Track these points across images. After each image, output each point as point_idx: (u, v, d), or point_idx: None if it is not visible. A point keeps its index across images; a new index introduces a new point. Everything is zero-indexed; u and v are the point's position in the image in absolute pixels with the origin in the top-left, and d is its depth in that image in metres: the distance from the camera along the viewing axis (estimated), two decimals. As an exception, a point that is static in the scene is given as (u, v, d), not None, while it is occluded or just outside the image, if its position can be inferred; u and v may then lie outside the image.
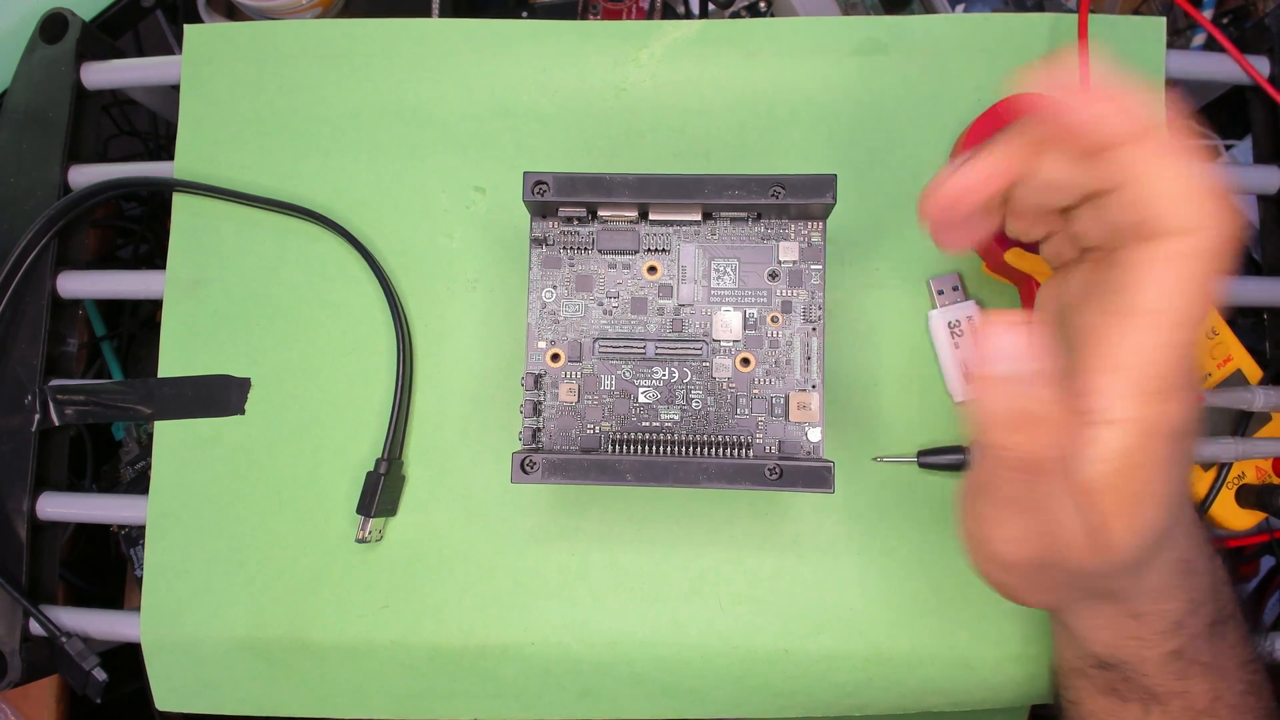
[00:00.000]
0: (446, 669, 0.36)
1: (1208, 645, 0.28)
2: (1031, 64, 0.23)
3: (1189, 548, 0.27)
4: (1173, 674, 0.27)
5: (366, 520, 0.35)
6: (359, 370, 0.37)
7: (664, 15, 0.48)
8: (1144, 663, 0.28)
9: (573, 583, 0.36)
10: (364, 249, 0.37)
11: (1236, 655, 0.28)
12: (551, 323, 0.31)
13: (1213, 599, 0.28)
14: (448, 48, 0.39)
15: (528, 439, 0.31)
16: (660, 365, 0.31)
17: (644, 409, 0.31)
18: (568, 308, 0.31)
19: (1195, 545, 0.27)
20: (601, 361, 0.31)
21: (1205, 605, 0.27)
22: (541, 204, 0.30)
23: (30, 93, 0.41)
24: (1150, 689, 0.28)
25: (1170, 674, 0.28)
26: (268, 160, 0.39)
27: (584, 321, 0.31)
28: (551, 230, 0.31)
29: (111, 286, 0.40)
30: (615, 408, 0.31)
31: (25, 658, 0.37)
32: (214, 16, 0.48)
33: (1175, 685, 0.28)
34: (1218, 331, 0.34)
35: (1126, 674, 0.28)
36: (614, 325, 0.31)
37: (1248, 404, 0.33)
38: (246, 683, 0.37)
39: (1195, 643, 0.27)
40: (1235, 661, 0.28)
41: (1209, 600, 0.28)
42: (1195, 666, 0.27)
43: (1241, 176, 0.39)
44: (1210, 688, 0.28)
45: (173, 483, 0.37)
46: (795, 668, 0.35)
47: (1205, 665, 0.27)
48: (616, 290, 0.31)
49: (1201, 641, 0.27)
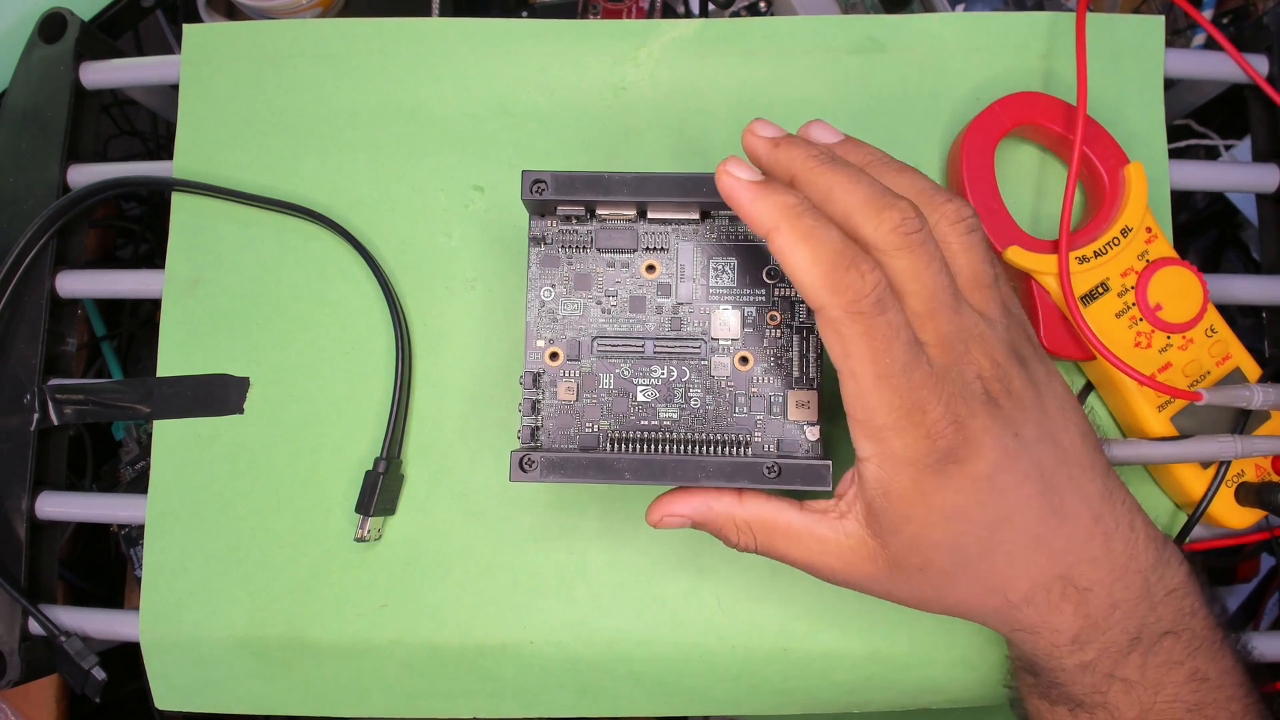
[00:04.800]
0: (445, 668, 0.36)
1: (1130, 659, 0.27)
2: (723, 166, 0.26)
3: (1069, 563, 0.26)
4: (1089, 686, 0.27)
5: (365, 519, 0.35)
6: (358, 369, 0.37)
7: (664, 15, 0.48)
8: (1060, 671, 0.27)
9: (571, 581, 0.36)
10: (363, 248, 0.37)
11: (1179, 671, 0.27)
12: (550, 321, 0.31)
13: (1132, 614, 0.27)
14: (447, 47, 0.39)
15: (526, 437, 0.31)
16: (659, 364, 0.31)
17: (642, 407, 0.31)
18: (566, 306, 0.31)
19: (1081, 559, 0.27)
20: (600, 360, 0.31)
21: (1115, 621, 0.27)
22: (540, 203, 0.30)
23: (29, 92, 0.41)
24: (1074, 696, 0.28)
25: (1085, 686, 0.27)
26: (266, 160, 0.39)
27: (582, 320, 0.31)
28: (550, 229, 0.31)
29: (111, 286, 0.40)
30: (614, 406, 0.31)
31: (24, 657, 0.37)
32: (214, 16, 0.48)
33: (1095, 697, 0.27)
34: (1216, 330, 0.34)
35: (1047, 680, 0.28)
36: (612, 324, 0.31)
37: (1246, 402, 0.33)
38: (245, 681, 0.36)
39: (1109, 657, 0.27)
40: (1175, 678, 0.27)
41: (1123, 615, 0.27)
42: (1115, 682, 0.27)
43: (1240, 175, 0.39)
44: (1136, 702, 0.27)
45: (172, 482, 0.37)
46: (794, 666, 0.35)
47: (1128, 681, 0.27)
48: (615, 289, 0.31)
49: (1117, 655, 0.27)
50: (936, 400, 0.24)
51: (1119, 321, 0.34)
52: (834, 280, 0.23)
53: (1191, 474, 0.34)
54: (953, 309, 0.25)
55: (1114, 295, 0.34)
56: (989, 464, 0.25)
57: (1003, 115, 0.35)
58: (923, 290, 0.25)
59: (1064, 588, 0.26)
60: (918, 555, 0.26)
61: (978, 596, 0.27)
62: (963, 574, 0.26)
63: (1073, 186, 0.33)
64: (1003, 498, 0.25)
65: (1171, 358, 0.34)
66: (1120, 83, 0.37)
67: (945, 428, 0.24)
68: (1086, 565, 0.27)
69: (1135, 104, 0.37)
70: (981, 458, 0.25)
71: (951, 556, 0.26)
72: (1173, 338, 0.34)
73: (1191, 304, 0.34)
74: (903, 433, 0.24)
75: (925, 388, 0.24)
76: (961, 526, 0.26)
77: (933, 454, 0.24)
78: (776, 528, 0.28)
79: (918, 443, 0.24)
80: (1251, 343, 0.37)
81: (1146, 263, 0.34)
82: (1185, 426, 0.34)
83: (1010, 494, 0.26)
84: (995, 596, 0.27)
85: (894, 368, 0.24)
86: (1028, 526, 0.26)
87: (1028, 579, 0.26)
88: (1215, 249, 0.52)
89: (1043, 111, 0.35)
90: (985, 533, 0.26)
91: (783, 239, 0.24)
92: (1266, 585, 0.47)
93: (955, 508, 0.25)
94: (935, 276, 0.25)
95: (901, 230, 0.24)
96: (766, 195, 0.24)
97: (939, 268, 0.25)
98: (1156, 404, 0.34)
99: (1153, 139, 0.37)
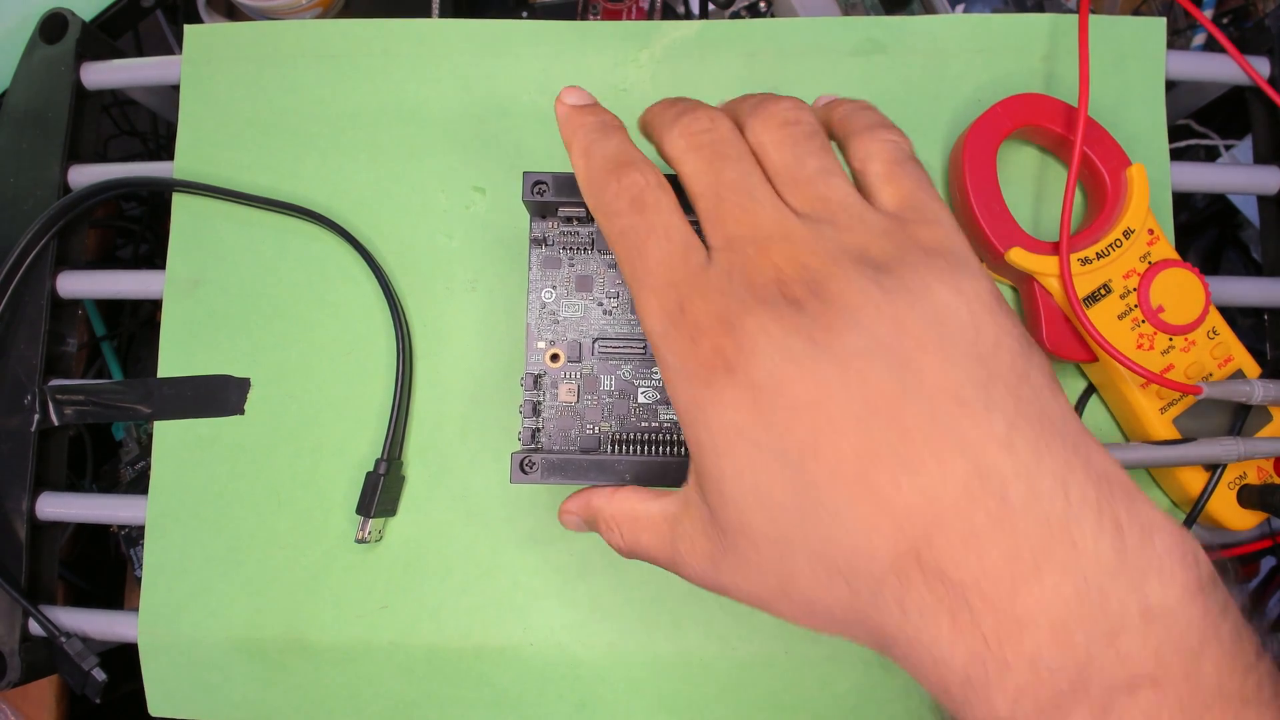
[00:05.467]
0: (444, 671, 0.36)
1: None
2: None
3: (922, 532, 0.19)
4: None
5: (366, 520, 0.35)
6: (358, 370, 0.37)
7: (664, 15, 0.48)
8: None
9: (571, 583, 0.36)
10: (363, 249, 0.37)
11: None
12: (551, 323, 0.31)
13: (1062, 646, 0.18)
14: (449, 48, 0.39)
15: (527, 439, 0.31)
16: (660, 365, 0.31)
17: (643, 409, 0.31)
18: (567, 308, 0.31)
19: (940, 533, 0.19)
20: (601, 361, 0.31)
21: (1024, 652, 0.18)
22: (541, 204, 0.30)
23: (30, 93, 0.41)
24: None
25: None
26: (267, 160, 0.39)
27: (584, 322, 0.31)
28: (551, 231, 0.31)
29: (111, 286, 0.40)
30: (615, 408, 0.31)
31: (24, 657, 0.37)
32: (214, 16, 0.48)
33: None
34: (1218, 332, 0.34)
35: None
36: (614, 325, 0.31)
37: (1246, 397, 0.33)
38: (242, 686, 0.36)
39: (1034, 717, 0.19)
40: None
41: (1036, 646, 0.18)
42: None
43: (1241, 176, 0.39)
44: None
45: (172, 483, 0.37)
46: (795, 672, 0.35)
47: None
48: (616, 290, 0.31)
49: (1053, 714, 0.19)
50: (701, 298, 0.21)
51: (1121, 323, 0.34)
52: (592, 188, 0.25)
53: (1194, 477, 0.34)
54: (743, 208, 0.22)
55: (1116, 297, 0.34)
56: (765, 371, 0.20)
57: (1005, 117, 0.35)
58: (706, 190, 0.23)
59: (923, 574, 0.18)
60: (733, 509, 0.21)
61: (821, 583, 0.20)
62: (791, 539, 0.20)
63: (1073, 188, 0.33)
64: (797, 418, 0.19)
65: (1174, 359, 0.34)
66: (1121, 84, 0.37)
67: (710, 326, 0.21)
68: (957, 541, 0.18)
69: (1136, 105, 0.37)
70: (755, 364, 0.20)
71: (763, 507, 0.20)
72: (1175, 340, 0.34)
73: (1194, 306, 0.34)
74: (669, 338, 0.22)
75: (688, 284, 0.22)
76: (755, 457, 0.20)
77: (697, 359, 0.21)
78: (638, 518, 0.25)
79: (682, 347, 0.21)
80: (1252, 343, 0.37)
81: (1149, 265, 0.34)
82: (1187, 429, 0.34)
83: (807, 414, 0.19)
84: (837, 582, 0.20)
85: (651, 267, 0.23)
86: (845, 465, 0.19)
87: (868, 550, 0.19)
88: (1215, 249, 0.52)
89: (1045, 113, 0.35)
90: (789, 472, 0.20)
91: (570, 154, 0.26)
92: (1267, 585, 0.47)
93: (737, 429, 0.20)
94: (720, 175, 0.23)
95: (688, 133, 0.24)
96: (573, 116, 0.26)
97: (732, 166, 0.23)
98: (1159, 406, 0.34)
99: (1154, 140, 0.37)
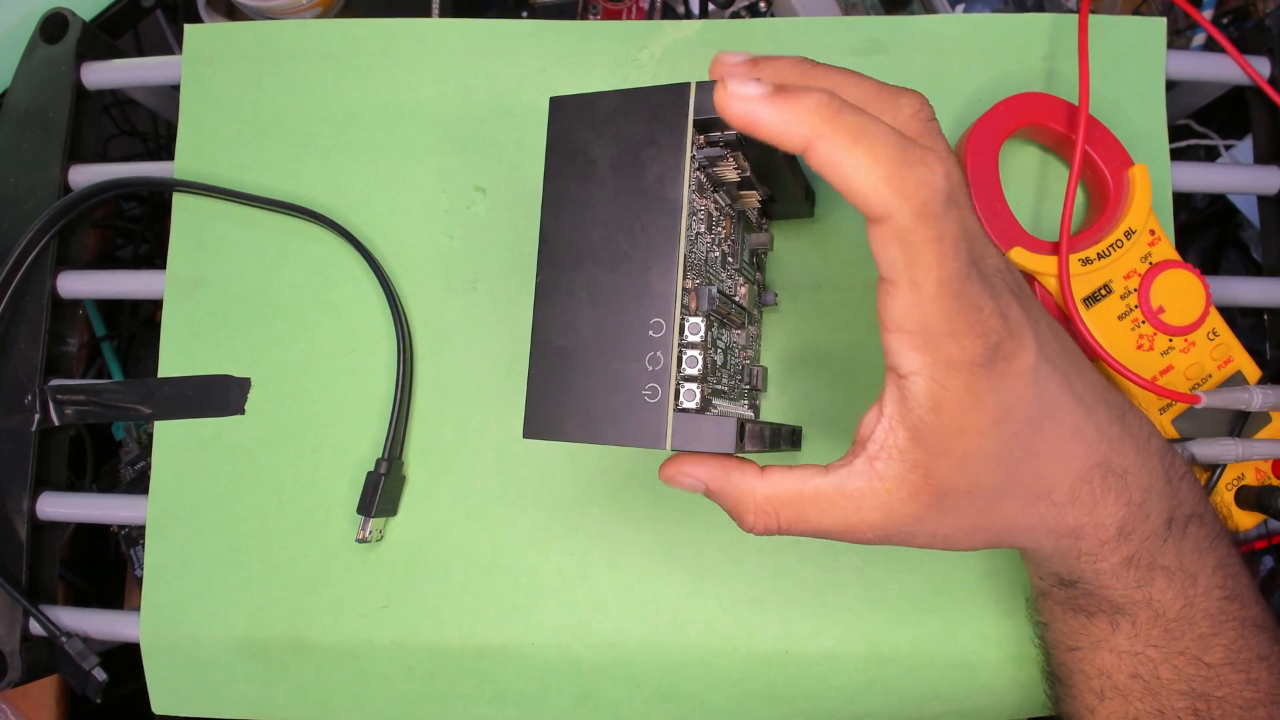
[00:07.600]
0: (445, 670, 0.36)
1: (1167, 547, 0.26)
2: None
3: (1104, 450, 0.26)
4: (1132, 583, 0.27)
5: (367, 520, 0.35)
6: (359, 370, 0.37)
7: (664, 15, 0.48)
8: (1100, 575, 0.27)
9: (572, 583, 0.36)
10: (364, 249, 0.37)
11: (1209, 556, 0.27)
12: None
13: (1163, 496, 0.26)
14: (449, 48, 0.39)
15: (689, 396, 0.25)
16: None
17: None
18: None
19: (1112, 443, 0.26)
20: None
21: (1152, 505, 0.26)
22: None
23: (30, 93, 0.41)
24: (1113, 601, 0.27)
25: (1129, 583, 0.27)
26: (267, 160, 0.39)
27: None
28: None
29: (111, 286, 0.40)
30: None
31: (25, 657, 0.37)
32: (214, 16, 0.48)
33: (1137, 594, 0.27)
34: (1218, 333, 0.34)
35: (1087, 589, 0.27)
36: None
37: (1245, 404, 0.33)
38: (244, 684, 0.36)
39: (1150, 546, 0.26)
40: (1208, 564, 0.27)
41: (1156, 499, 0.26)
42: (1157, 572, 0.26)
43: (1241, 177, 0.39)
44: (1179, 593, 0.27)
45: (172, 482, 0.37)
46: (795, 669, 0.35)
47: (1169, 569, 0.26)
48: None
49: (1157, 543, 0.26)
50: (988, 296, 0.23)
51: (1122, 324, 0.34)
52: (900, 181, 0.20)
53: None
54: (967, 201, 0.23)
55: (1117, 297, 0.34)
56: (1032, 355, 0.24)
57: (1007, 116, 0.35)
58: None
59: (1104, 475, 0.26)
60: (966, 474, 0.24)
61: (1024, 508, 0.25)
62: (1010, 486, 0.25)
63: (1074, 188, 0.33)
64: (1044, 390, 0.24)
65: (1174, 360, 0.34)
66: (1122, 84, 0.37)
67: (997, 323, 0.23)
68: (1116, 450, 0.26)
69: (1137, 106, 0.37)
70: (1027, 350, 0.24)
71: (1000, 468, 0.24)
72: (1175, 340, 0.34)
73: (1194, 307, 0.34)
74: (959, 336, 0.22)
75: (978, 283, 0.22)
76: (1011, 429, 0.24)
77: (985, 352, 0.23)
78: (804, 497, 0.25)
79: (973, 343, 0.22)
80: (1252, 343, 0.37)
81: (1149, 265, 0.34)
82: (1186, 429, 0.34)
83: (1048, 386, 0.24)
84: (1041, 503, 0.25)
85: (960, 271, 0.22)
86: (1064, 418, 0.25)
87: (1071, 473, 0.25)
88: (1215, 249, 0.52)
89: (1047, 112, 0.35)
90: (1029, 432, 0.24)
91: (828, 145, 0.21)
92: (1266, 585, 0.47)
93: (1005, 408, 0.24)
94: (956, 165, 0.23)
95: (922, 116, 0.23)
96: (794, 101, 0.21)
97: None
98: (1158, 407, 0.34)
99: (1154, 141, 0.37)
